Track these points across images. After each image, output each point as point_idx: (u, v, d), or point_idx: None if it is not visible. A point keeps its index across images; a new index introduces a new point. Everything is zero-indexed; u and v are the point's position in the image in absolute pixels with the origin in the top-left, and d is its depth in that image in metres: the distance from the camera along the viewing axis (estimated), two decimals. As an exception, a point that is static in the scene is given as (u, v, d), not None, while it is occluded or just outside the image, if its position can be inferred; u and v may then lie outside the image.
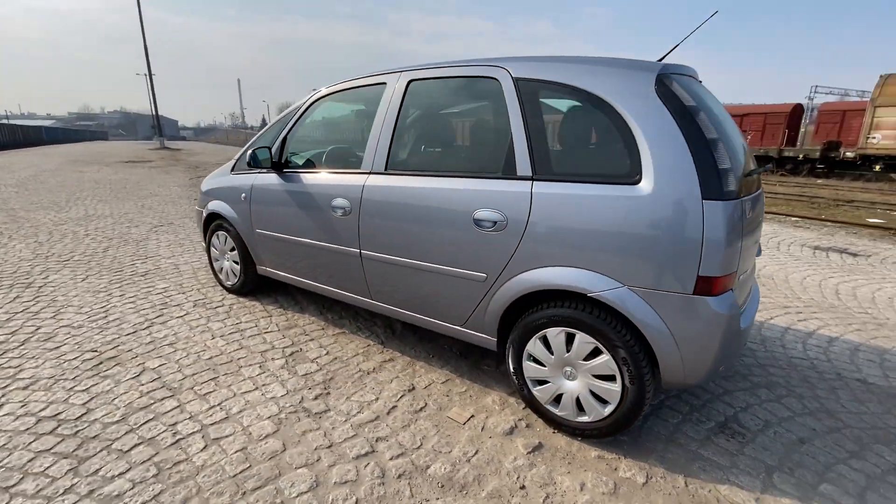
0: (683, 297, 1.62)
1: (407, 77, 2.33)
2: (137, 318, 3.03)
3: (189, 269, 4.09)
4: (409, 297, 2.37)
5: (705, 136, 1.60)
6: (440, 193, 2.11)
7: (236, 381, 2.31)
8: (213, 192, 3.42)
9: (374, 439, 1.92)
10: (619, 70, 1.76)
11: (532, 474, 1.76)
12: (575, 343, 1.86)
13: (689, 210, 1.58)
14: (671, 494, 1.68)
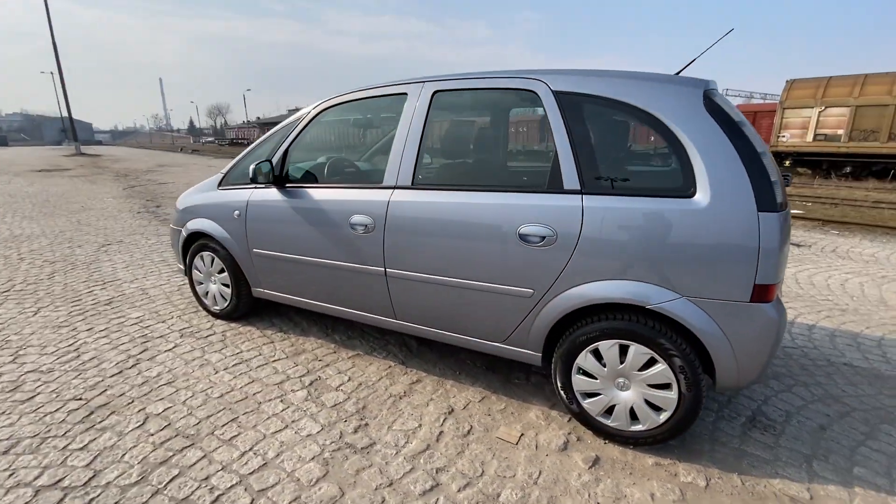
0: (741, 304, 1.69)
1: (431, 88, 2.25)
2: (118, 356, 2.68)
3: (160, 294, 3.69)
4: (440, 315, 2.29)
5: (756, 150, 1.68)
6: (480, 209, 2.05)
7: (261, 421, 2.10)
8: (196, 210, 3.11)
9: (433, 471, 1.82)
10: (666, 85, 1.80)
11: (601, 490, 1.76)
12: (629, 354, 1.88)
13: (746, 222, 1.64)
14: (733, 494, 1.75)
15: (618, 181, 1.86)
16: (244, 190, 2.84)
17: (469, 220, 2.07)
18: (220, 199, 2.95)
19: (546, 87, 1.98)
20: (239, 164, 2.95)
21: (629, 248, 1.79)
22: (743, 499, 1.73)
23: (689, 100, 1.76)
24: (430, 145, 2.28)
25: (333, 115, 2.59)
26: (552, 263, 1.93)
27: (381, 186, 2.32)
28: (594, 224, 1.84)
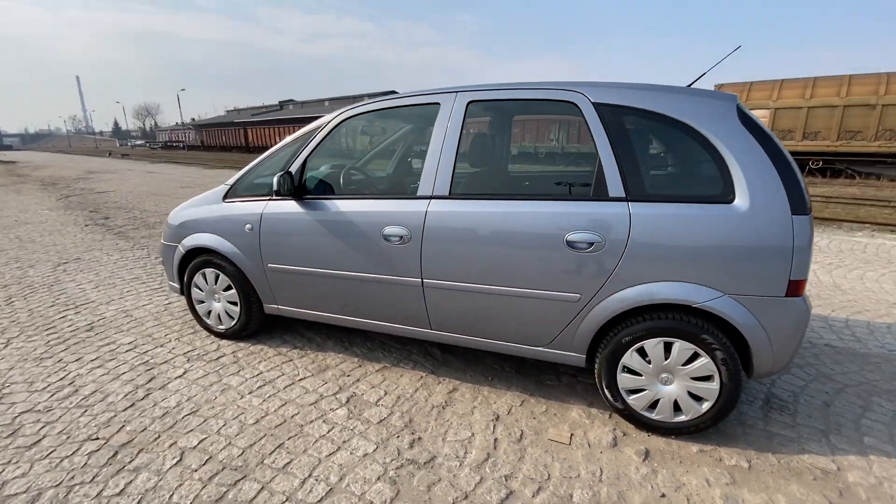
0: (777, 299, 1.85)
1: (465, 98, 2.26)
2: (123, 387, 2.45)
3: (147, 316, 3.41)
4: (480, 323, 2.31)
5: (786, 157, 1.85)
6: (526, 217, 2.09)
7: (309, 444, 2.02)
8: (195, 224, 2.91)
9: (502, 479, 1.84)
10: (703, 99, 1.94)
11: (661, 481, 1.86)
12: (674, 351, 2.00)
13: (782, 224, 1.80)
14: (774, 473, 1.91)
15: (660, 188, 1.97)
16: (257, 202, 2.69)
17: (514, 228, 2.11)
18: (228, 213, 2.78)
19: (586, 99, 2.06)
20: (248, 175, 2.80)
21: (674, 251, 1.91)
22: (783, 476, 1.89)
23: (724, 112, 1.90)
24: (468, 155, 2.29)
25: (357, 123, 2.53)
26: (600, 268, 2.01)
27: (417, 197, 2.30)
28: (641, 230, 1.93)
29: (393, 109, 2.45)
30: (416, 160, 2.36)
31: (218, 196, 2.88)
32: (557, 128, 10.36)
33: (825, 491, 1.80)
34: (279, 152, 2.71)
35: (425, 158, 2.31)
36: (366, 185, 2.66)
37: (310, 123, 2.62)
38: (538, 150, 2.11)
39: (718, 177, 1.89)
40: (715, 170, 1.90)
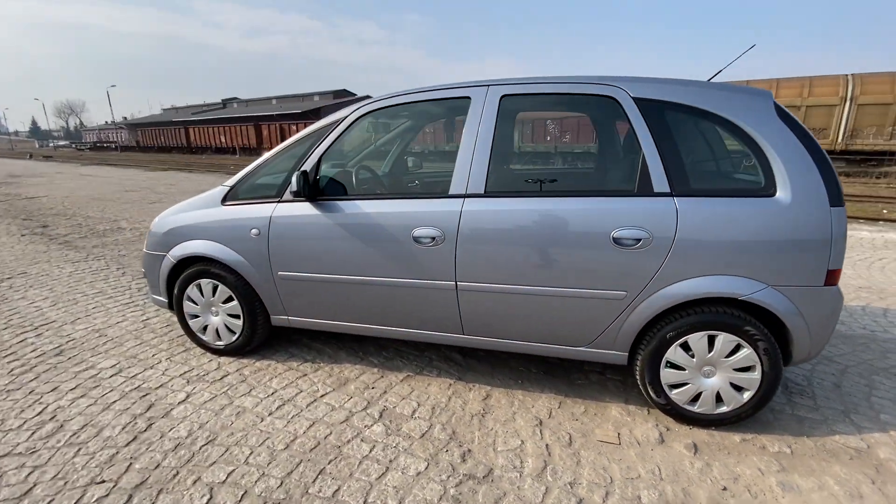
0: (816, 289, 1.91)
1: (498, 92, 2.17)
2: (119, 418, 2.15)
3: (125, 334, 3.04)
4: (516, 325, 2.23)
5: (822, 151, 1.91)
6: (568, 215, 2.03)
7: (354, 468, 1.85)
8: (188, 231, 2.62)
9: (567, 486, 1.78)
10: (742, 95, 1.96)
11: (718, 474, 1.86)
12: (717, 343, 2.02)
13: (822, 216, 1.86)
14: (815, 456, 1.98)
15: (704, 183, 1.98)
16: (263, 205, 2.46)
17: (556, 226, 2.05)
18: (229, 217, 2.52)
19: (626, 94, 2.03)
20: (252, 175, 2.55)
21: (720, 245, 1.92)
22: (823, 458, 1.96)
23: (763, 107, 1.94)
24: (503, 151, 2.20)
25: (376, 118, 2.37)
26: (647, 265, 1.99)
27: (449, 196, 2.18)
28: (687, 225, 1.93)
29: (418, 104, 2.31)
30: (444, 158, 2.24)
31: (215, 199, 2.60)
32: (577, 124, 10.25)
33: (864, 469, 1.88)
34: (288, 150, 2.49)
35: (456, 155, 2.20)
36: (388, 184, 2.50)
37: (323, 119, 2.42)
38: (576, 144, 2.07)
39: (760, 171, 1.92)
40: (756, 164, 1.93)
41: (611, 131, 2.16)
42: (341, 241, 2.32)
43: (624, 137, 2.05)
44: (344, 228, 2.30)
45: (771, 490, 1.78)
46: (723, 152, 2.06)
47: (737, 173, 2.03)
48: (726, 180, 2.02)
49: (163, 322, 3.26)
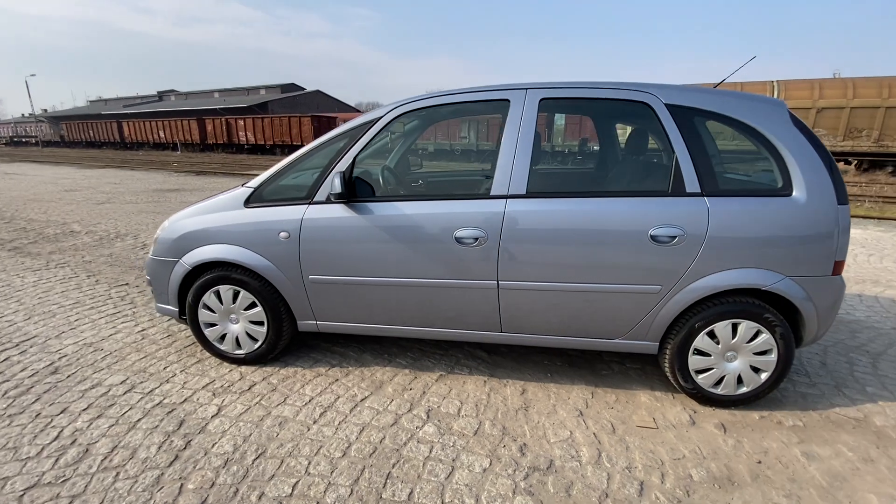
0: (825, 278, 2.14)
1: (537, 95, 2.23)
2: (150, 438, 2.01)
3: (124, 347, 2.82)
4: (555, 322, 2.32)
5: (829, 155, 2.14)
6: (610, 214, 2.14)
7: (420, 469, 1.86)
8: (206, 235, 2.47)
9: (625, 471, 1.88)
10: (762, 103, 2.15)
11: (750, 449, 2.05)
12: (740, 330, 2.21)
13: (831, 213, 2.09)
14: (825, 427, 2.22)
15: (730, 184, 2.16)
16: (293, 207, 2.37)
17: (597, 226, 2.15)
18: (254, 220, 2.41)
19: (658, 100, 2.16)
20: (279, 176, 2.45)
21: (745, 241, 2.10)
22: (831, 429, 2.21)
23: (779, 114, 2.14)
24: (543, 152, 2.26)
25: (411, 119, 2.35)
26: (681, 260, 2.13)
27: (491, 196, 2.22)
28: (717, 222, 2.10)
29: (455, 105, 2.33)
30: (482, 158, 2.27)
31: (236, 201, 2.47)
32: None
33: (867, 436, 2.14)
34: (318, 150, 2.42)
35: (497, 156, 2.24)
36: (424, 185, 2.49)
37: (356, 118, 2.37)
38: (614, 147, 2.11)
39: (779, 173, 2.12)
40: (776, 166, 2.13)
41: (642, 135, 2.29)
42: (379, 243, 2.30)
43: (657, 141, 2.18)
44: (383, 230, 2.28)
45: (798, 460, 1.98)
46: (752, 156, 2.24)
47: (759, 175, 2.23)
48: (749, 181, 2.21)
49: (162, 332, 3.06)
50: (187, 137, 33.47)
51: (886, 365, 2.79)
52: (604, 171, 2.54)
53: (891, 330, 3.28)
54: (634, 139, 2.37)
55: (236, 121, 31.44)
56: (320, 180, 2.36)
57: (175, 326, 3.15)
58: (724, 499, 1.76)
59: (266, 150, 30.71)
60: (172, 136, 34.26)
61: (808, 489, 1.81)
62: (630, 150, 2.46)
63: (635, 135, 2.34)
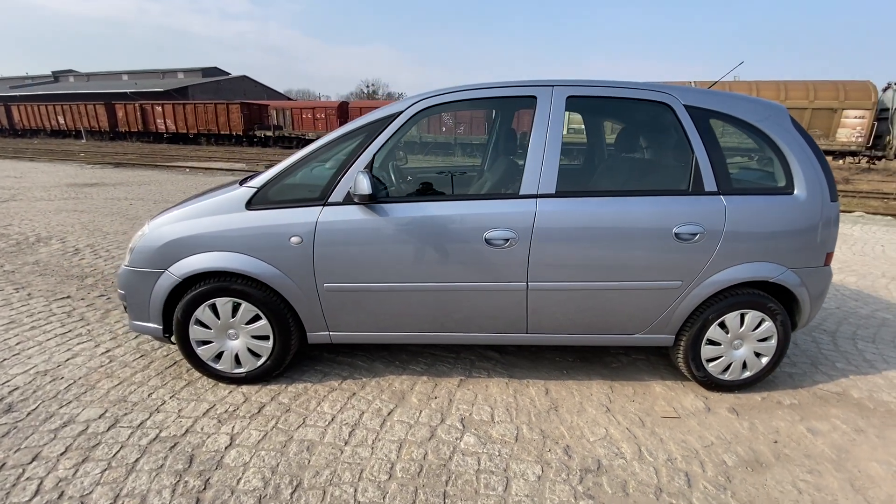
0: (818, 268, 2.35)
1: (564, 92, 2.20)
2: (159, 480, 1.73)
3: (90, 373, 2.42)
4: (580, 320, 2.33)
5: (823, 155, 2.33)
6: (638, 213, 2.17)
7: (476, 484, 1.78)
8: (200, 241, 2.17)
9: (668, 463, 1.94)
10: (764, 105, 2.29)
11: (764, 430, 2.20)
12: (747, 319, 2.37)
13: (825, 209, 2.28)
14: (815, 403, 2.44)
15: (742, 183, 2.28)
16: (305, 209, 2.15)
17: (626, 224, 2.18)
18: (258, 224, 2.15)
19: (678, 101, 2.22)
20: (285, 176, 2.20)
21: (756, 236, 2.24)
22: (820, 404, 2.44)
23: (782, 117, 2.29)
24: (571, 151, 2.24)
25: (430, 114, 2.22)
26: (701, 256, 2.23)
27: (521, 196, 2.17)
28: (734, 219, 2.21)
29: (480, 100, 2.22)
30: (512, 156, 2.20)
31: (237, 202, 2.19)
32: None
33: (849, 408, 2.39)
34: (330, 148, 2.20)
35: (526, 155, 2.18)
36: (449, 184, 2.37)
37: (373, 112, 2.18)
38: (637, 146, 2.10)
39: (783, 172, 2.28)
40: (780, 166, 2.28)
41: (663, 135, 2.35)
42: (403, 246, 2.16)
43: (675, 140, 2.24)
44: (407, 233, 2.14)
45: (805, 436, 2.16)
46: (758, 156, 2.39)
47: (766, 174, 2.38)
48: (758, 180, 2.35)
49: (132, 352, 2.67)
50: (94, 124, 29.83)
51: (843, 342, 3.15)
52: (637, 170, 2.57)
53: (836, 309, 3.71)
54: (653, 138, 2.43)
55: (153, 107, 28.54)
56: (336, 179, 2.16)
57: (148, 345, 2.76)
58: (759, 480, 1.87)
59: (189, 139, 28.22)
60: (75, 122, 30.35)
61: (823, 463, 1.98)
62: (650, 149, 2.53)
63: (654, 134, 2.41)
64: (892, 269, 4.86)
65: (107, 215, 6.56)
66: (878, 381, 2.65)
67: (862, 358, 2.91)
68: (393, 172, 2.51)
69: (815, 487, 1.83)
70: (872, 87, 16.10)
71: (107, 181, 10.33)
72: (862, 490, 1.83)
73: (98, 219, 6.30)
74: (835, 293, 4.07)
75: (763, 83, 17.14)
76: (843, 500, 1.77)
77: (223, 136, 27.52)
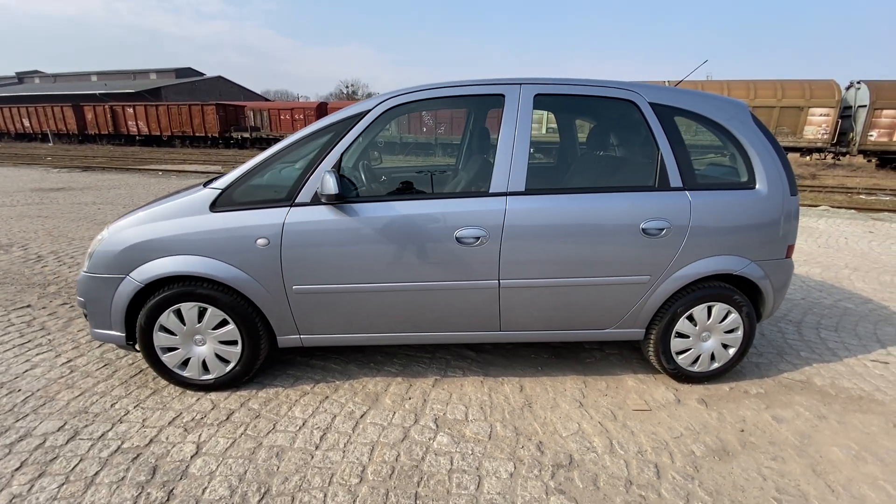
0: (780, 261, 2.42)
1: (532, 90, 2.20)
2: (121, 493, 1.67)
3: (49, 385, 2.32)
4: (552, 316, 2.35)
5: (783, 150, 2.40)
6: (605, 210, 2.20)
7: (447, 485, 1.77)
8: (163, 245, 2.11)
9: (637, 456, 1.96)
10: (730, 103, 2.34)
11: (731, 420, 2.25)
12: (714, 312, 2.42)
13: (786, 203, 2.35)
14: (780, 391, 2.51)
15: (705, 178, 2.33)
16: (271, 210, 2.11)
17: (595, 221, 2.20)
18: (223, 226, 2.10)
19: (643, 98, 2.26)
20: (251, 175, 2.15)
21: (721, 230, 2.29)
22: (785, 392, 2.51)
23: (745, 114, 2.35)
24: (539, 149, 2.25)
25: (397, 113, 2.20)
26: (668, 251, 2.27)
27: (491, 194, 2.17)
28: (699, 214, 2.26)
29: (447, 99, 2.22)
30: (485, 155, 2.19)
31: (200, 205, 2.13)
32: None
33: (812, 395, 2.47)
34: (297, 147, 2.16)
35: (495, 153, 2.19)
36: (422, 183, 2.34)
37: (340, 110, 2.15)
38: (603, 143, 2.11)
39: (745, 168, 2.33)
40: (742, 162, 2.34)
41: (629, 132, 2.38)
42: (373, 247, 2.13)
43: (641, 137, 2.28)
44: (377, 233, 2.12)
45: (770, 424, 2.22)
46: (721, 152, 2.44)
47: (729, 170, 2.43)
48: (720, 175, 2.41)
49: (96, 362, 2.58)
50: (61, 127, 28.80)
51: (807, 331, 3.25)
52: (605, 167, 2.60)
53: (801, 300, 3.83)
54: (621, 135, 2.47)
55: (123, 108, 27.71)
56: (303, 179, 2.12)
57: (112, 353, 2.67)
58: (726, 469, 1.91)
59: (163, 141, 27.50)
60: (41, 124, 29.24)
61: (787, 450, 2.03)
62: (617, 146, 2.56)
63: (622, 131, 2.44)
64: (855, 260, 5.05)
65: (73, 221, 6.33)
66: (839, 368, 2.74)
67: (825, 346, 3.01)
68: (364, 172, 2.49)
69: (779, 473, 1.89)
70: (836, 86, 16.70)
71: (74, 185, 9.98)
72: (823, 474, 1.89)
73: (63, 224, 6.08)
74: (800, 284, 4.20)
75: (734, 82, 17.60)
76: (804, 485, 1.82)
77: (198, 139, 26.89)
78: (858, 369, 2.72)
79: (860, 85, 16.56)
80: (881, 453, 2.01)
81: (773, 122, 16.93)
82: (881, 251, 5.45)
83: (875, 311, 3.59)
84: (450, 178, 3.04)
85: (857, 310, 3.62)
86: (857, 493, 1.79)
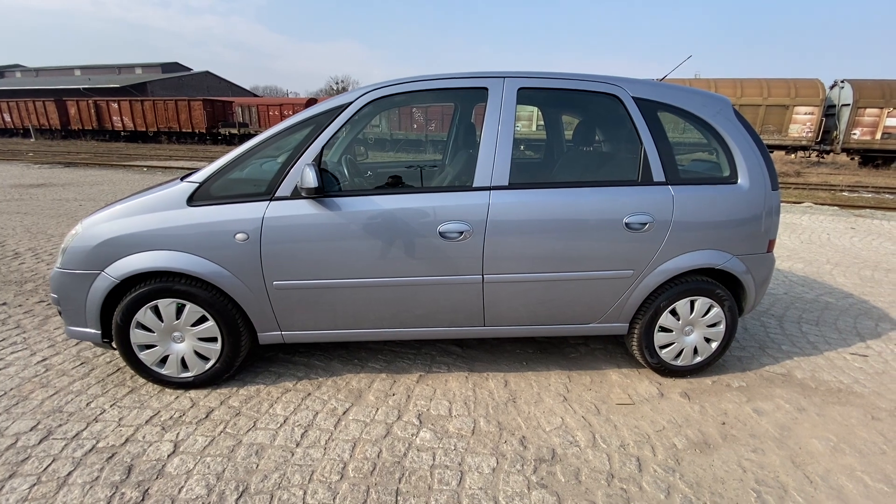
0: (761, 255, 2.44)
1: (515, 84, 2.19)
2: (94, 494, 1.63)
3: (22, 384, 2.26)
4: (537, 311, 2.34)
5: (764, 146, 2.41)
6: (589, 204, 2.19)
7: (429, 480, 1.75)
8: (139, 240, 2.06)
9: (620, 449, 1.97)
10: (713, 99, 2.35)
11: (713, 413, 2.27)
12: (696, 306, 2.43)
13: (767, 198, 2.36)
14: (762, 384, 2.53)
15: (688, 173, 2.33)
16: (250, 204, 2.07)
17: (578, 215, 2.19)
18: (200, 221, 2.05)
19: (626, 93, 2.25)
20: (230, 169, 2.10)
21: (703, 224, 2.30)
22: (767, 385, 2.54)
23: (728, 110, 2.35)
24: (522, 143, 2.23)
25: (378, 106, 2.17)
26: (651, 245, 2.27)
27: (474, 189, 2.15)
28: (681, 208, 2.26)
29: (429, 92, 2.19)
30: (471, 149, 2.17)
31: (177, 199, 2.08)
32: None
33: (794, 388, 2.50)
34: (276, 140, 2.12)
35: (479, 147, 2.17)
36: (408, 178, 2.31)
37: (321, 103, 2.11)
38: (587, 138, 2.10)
39: (728, 162, 2.35)
40: (724, 157, 2.35)
41: (613, 126, 2.37)
42: (355, 241, 2.11)
43: (625, 132, 2.28)
44: (359, 227, 2.09)
45: (751, 416, 2.24)
46: (704, 147, 2.45)
47: (711, 164, 2.44)
48: (703, 170, 2.42)
49: (72, 360, 2.52)
50: (43, 122, 28.19)
51: (789, 325, 3.29)
52: (588, 161, 2.59)
53: (783, 295, 3.88)
54: (604, 130, 2.46)
55: (108, 103, 27.19)
56: (283, 173, 2.08)
57: (89, 351, 2.61)
58: (706, 461, 1.93)
59: (149, 137, 27.07)
60: (22, 120, 28.61)
61: (767, 442, 2.05)
62: (601, 141, 2.55)
63: (605, 126, 2.44)
64: (837, 255, 5.13)
65: (53, 217, 6.19)
66: (819, 361, 2.78)
67: (806, 340, 3.05)
68: (347, 167, 2.46)
69: (759, 465, 1.90)
70: (821, 85, 16.95)
71: (55, 181, 9.76)
72: (802, 466, 1.91)
73: (42, 221, 5.94)
74: (783, 279, 4.25)
75: (721, 80, 17.77)
76: (783, 477, 1.84)
77: (185, 134, 26.51)
78: (838, 362, 2.76)
79: (844, 84, 16.83)
80: (859, 445, 2.04)
81: (759, 120, 17.15)
82: (862, 247, 5.54)
83: (855, 306, 3.64)
84: (436, 173, 3.02)
85: (838, 304, 3.67)
86: (835, 483, 1.81)
